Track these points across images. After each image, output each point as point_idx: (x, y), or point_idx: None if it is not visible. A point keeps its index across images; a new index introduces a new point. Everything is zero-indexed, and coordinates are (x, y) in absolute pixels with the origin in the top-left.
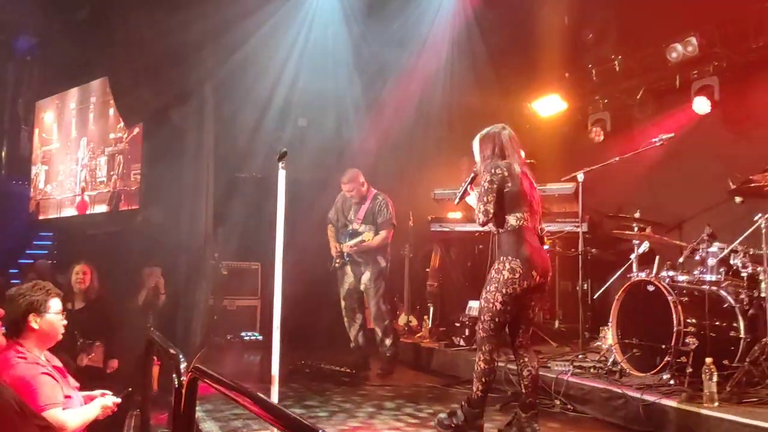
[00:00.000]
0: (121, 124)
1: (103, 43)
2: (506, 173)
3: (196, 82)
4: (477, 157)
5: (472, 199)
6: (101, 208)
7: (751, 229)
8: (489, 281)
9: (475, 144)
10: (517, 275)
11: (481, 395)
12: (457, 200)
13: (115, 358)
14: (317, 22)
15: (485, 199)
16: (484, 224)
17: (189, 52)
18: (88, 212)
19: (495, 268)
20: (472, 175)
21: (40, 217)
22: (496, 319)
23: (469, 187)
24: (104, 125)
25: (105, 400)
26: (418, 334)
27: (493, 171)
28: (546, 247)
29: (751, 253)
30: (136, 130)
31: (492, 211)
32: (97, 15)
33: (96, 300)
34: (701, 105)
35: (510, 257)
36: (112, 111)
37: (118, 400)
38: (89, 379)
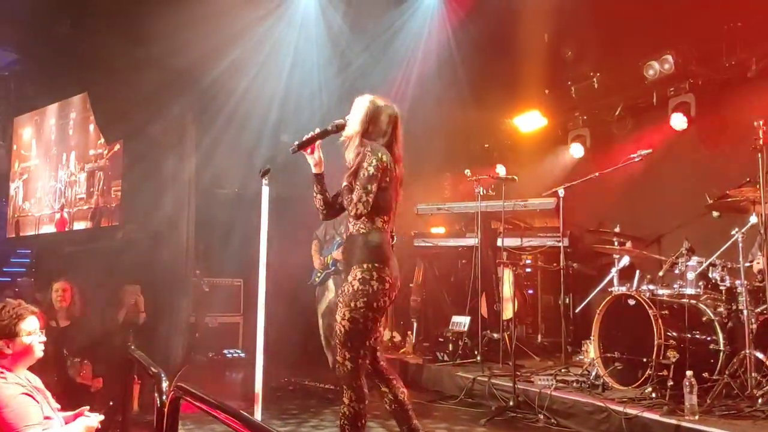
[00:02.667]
0: (102, 140)
1: (83, 58)
2: (389, 167)
3: (177, 97)
4: (357, 117)
5: (313, 159)
6: (81, 225)
7: (728, 244)
8: (351, 295)
9: (364, 105)
10: (387, 285)
11: None
12: (295, 148)
13: (100, 377)
14: (300, 38)
15: (369, 187)
16: (360, 215)
17: (170, 67)
18: (67, 229)
19: (357, 277)
20: (329, 127)
21: (19, 234)
22: (367, 342)
23: (318, 142)
24: (84, 141)
25: (89, 420)
26: (402, 350)
27: (379, 157)
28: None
29: (728, 266)
30: (117, 146)
31: (371, 203)
32: (77, 30)
33: (81, 318)
34: (678, 121)
35: (377, 264)
36: (92, 127)
37: (102, 417)
38: (75, 398)
